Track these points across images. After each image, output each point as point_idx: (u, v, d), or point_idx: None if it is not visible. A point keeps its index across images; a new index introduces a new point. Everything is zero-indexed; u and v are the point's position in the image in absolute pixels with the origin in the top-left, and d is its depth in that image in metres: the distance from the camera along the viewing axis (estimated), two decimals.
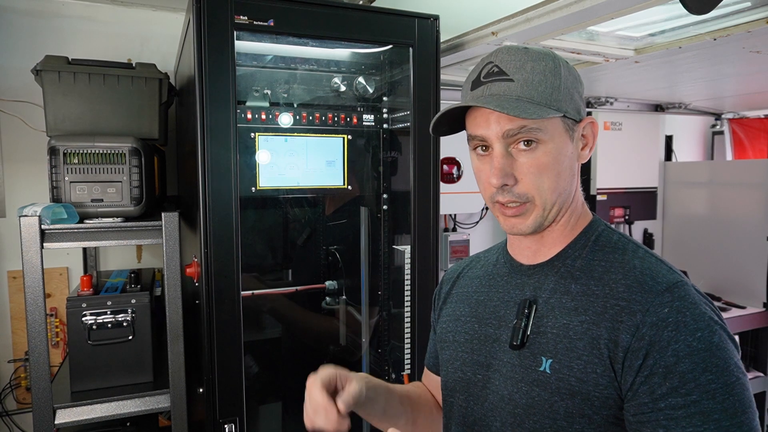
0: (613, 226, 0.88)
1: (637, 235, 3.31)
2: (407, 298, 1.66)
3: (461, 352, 0.92)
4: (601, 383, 0.73)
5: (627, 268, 0.78)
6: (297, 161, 1.72)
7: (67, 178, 1.53)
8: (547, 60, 0.80)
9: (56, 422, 1.51)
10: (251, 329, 1.91)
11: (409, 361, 1.68)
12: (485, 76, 0.81)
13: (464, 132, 0.85)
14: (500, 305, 0.88)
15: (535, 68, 0.79)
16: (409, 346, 1.68)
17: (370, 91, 1.83)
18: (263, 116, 1.69)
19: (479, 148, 0.82)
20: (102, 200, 1.56)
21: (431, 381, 1.08)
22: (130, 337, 1.62)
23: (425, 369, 1.11)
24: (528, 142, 0.78)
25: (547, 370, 0.78)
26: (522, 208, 0.80)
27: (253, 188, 1.67)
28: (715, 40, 1.61)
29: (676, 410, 0.68)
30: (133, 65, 1.77)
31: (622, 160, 3.14)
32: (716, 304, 2.87)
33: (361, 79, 1.82)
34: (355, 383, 0.84)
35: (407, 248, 1.66)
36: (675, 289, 0.73)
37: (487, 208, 2.89)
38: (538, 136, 0.78)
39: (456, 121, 0.85)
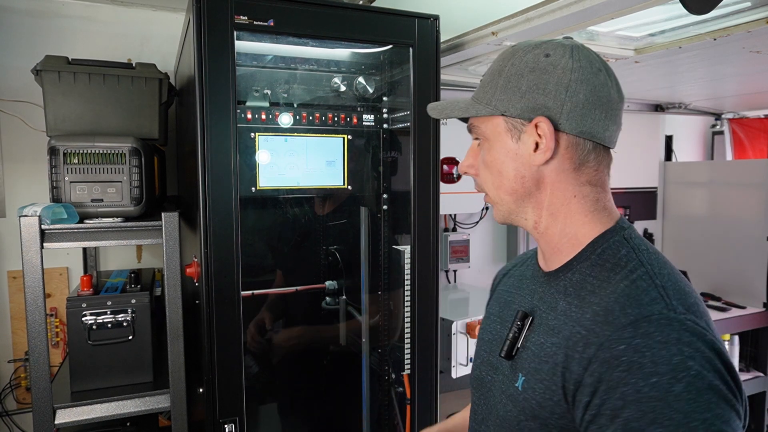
0: (635, 236, 0.78)
1: None
2: (407, 298, 1.66)
3: (483, 351, 0.92)
4: (557, 412, 0.70)
5: (609, 291, 0.70)
6: (297, 161, 1.72)
7: (67, 178, 1.53)
8: (502, 58, 0.80)
9: (56, 422, 1.51)
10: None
11: (409, 361, 1.68)
12: None
13: (463, 131, 0.88)
14: (517, 309, 0.87)
15: (490, 67, 0.81)
16: (409, 346, 1.68)
17: (370, 91, 1.83)
18: (263, 116, 1.68)
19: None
20: (102, 200, 1.56)
21: None
22: (130, 337, 1.62)
23: None
24: (480, 140, 0.83)
25: (519, 388, 0.76)
26: (487, 199, 0.85)
27: (253, 188, 1.67)
28: (715, 40, 1.61)
29: None
30: (133, 65, 1.77)
31: (622, 160, 3.14)
32: (716, 304, 2.92)
33: (361, 79, 1.82)
34: None
35: (407, 248, 1.65)
36: (642, 323, 0.64)
37: (487, 208, 2.89)
38: (479, 133, 0.82)
39: None
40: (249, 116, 1.66)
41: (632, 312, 0.65)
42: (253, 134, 1.66)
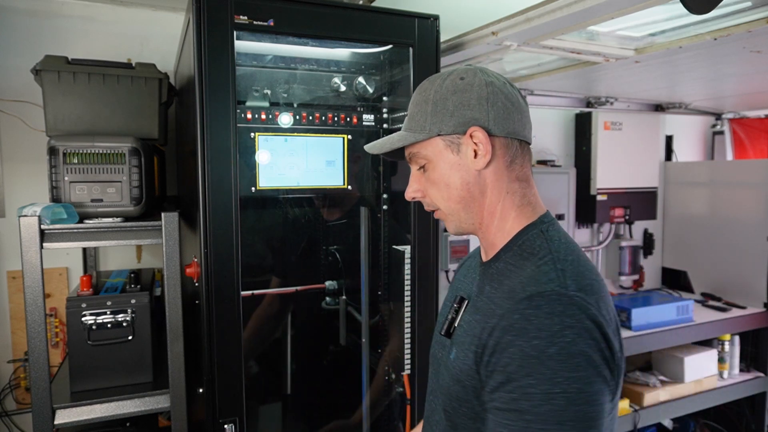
0: (552, 229, 0.90)
1: (637, 235, 3.30)
2: (407, 298, 1.66)
3: (436, 332, 1.04)
4: (470, 374, 0.83)
5: (520, 275, 0.83)
6: (297, 161, 1.72)
7: (66, 178, 1.53)
8: (423, 88, 0.92)
9: (56, 422, 1.51)
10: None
11: (408, 361, 1.68)
12: None
13: None
14: (457, 295, 1.00)
15: (414, 100, 0.92)
16: (409, 346, 1.68)
17: (370, 91, 1.83)
18: (263, 116, 1.68)
19: None
20: (102, 200, 1.56)
21: None
22: (130, 338, 1.62)
23: None
24: (422, 164, 0.92)
25: (452, 358, 0.89)
26: (439, 214, 0.94)
27: (253, 188, 1.67)
28: (715, 39, 1.61)
29: (501, 403, 0.76)
30: (133, 65, 1.77)
31: (622, 160, 3.14)
32: (716, 304, 2.92)
33: (361, 79, 1.82)
34: None
35: (407, 248, 1.65)
36: (536, 298, 0.77)
37: None
38: (422, 157, 0.91)
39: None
40: (249, 116, 1.66)
41: (530, 289, 0.78)
42: (252, 134, 1.66)
